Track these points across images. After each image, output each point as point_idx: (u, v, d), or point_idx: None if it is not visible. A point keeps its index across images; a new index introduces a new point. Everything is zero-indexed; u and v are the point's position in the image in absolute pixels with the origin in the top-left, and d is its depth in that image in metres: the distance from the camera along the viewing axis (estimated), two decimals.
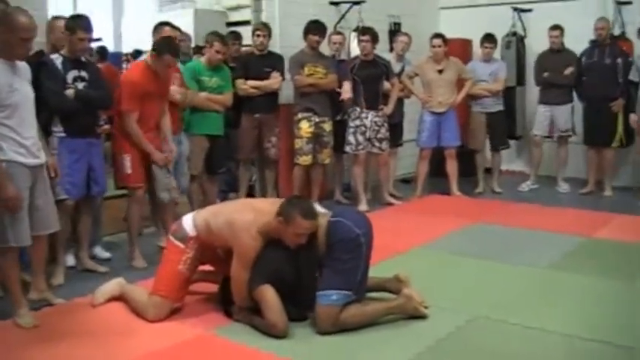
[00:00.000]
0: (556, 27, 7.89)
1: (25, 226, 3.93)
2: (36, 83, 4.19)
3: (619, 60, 7.54)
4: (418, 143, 7.87)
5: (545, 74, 7.89)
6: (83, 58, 4.91)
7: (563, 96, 7.90)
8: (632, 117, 7.27)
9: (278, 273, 3.85)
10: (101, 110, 5.24)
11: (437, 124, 7.67)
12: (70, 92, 4.74)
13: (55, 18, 5.16)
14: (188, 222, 4.11)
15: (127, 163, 5.21)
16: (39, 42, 4.85)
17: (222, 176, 6.99)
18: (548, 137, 8.13)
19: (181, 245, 4.06)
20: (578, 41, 7.86)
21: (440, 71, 7.57)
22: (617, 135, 7.65)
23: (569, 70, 7.79)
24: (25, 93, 3.96)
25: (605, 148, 7.77)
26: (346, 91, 7.05)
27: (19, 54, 3.92)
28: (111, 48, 10.26)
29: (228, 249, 3.98)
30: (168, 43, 5.18)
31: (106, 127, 5.55)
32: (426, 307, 4.04)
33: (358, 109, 7.15)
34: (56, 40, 4.96)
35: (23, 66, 4.03)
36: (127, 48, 10.28)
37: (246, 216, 3.90)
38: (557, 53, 7.91)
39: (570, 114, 7.92)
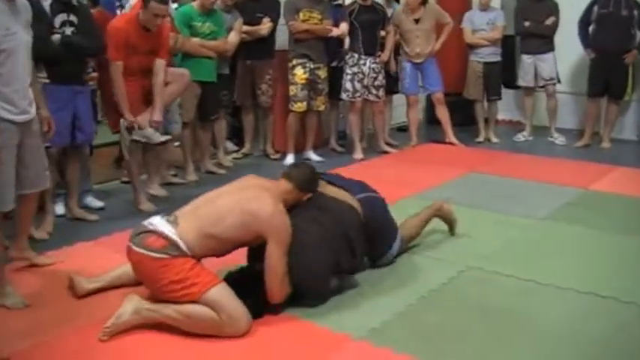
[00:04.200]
0: None
1: (6, 190, 3.59)
2: None
3: (635, 12, 7.31)
4: (402, 90, 7.75)
5: (527, 24, 7.69)
6: (74, 1, 4.73)
7: (546, 45, 7.73)
8: None
9: (335, 253, 3.60)
10: (89, 58, 5.10)
11: (417, 69, 7.53)
12: (56, 38, 4.59)
13: None
14: (178, 242, 3.26)
15: None
16: None
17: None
18: (541, 87, 7.98)
19: (164, 256, 3.23)
20: None
21: (416, 21, 7.35)
22: (628, 88, 7.52)
23: (550, 20, 7.61)
24: (21, 38, 3.59)
25: (615, 100, 7.64)
26: (342, 29, 6.90)
27: None
28: None
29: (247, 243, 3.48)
30: None
31: (94, 74, 5.41)
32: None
33: (356, 55, 7.02)
34: None
35: (23, 5, 3.68)
36: None
37: (265, 199, 3.36)
38: (538, 2, 7.70)
39: (553, 62, 7.77)
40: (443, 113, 7.73)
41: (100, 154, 6.22)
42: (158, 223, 3.34)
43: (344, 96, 7.19)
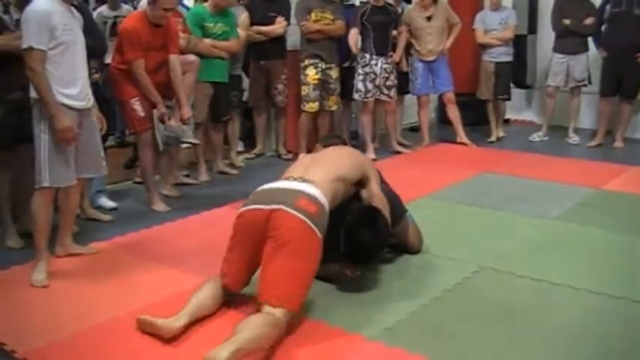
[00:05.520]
0: None
1: (65, 168, 3.94)
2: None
3: None
4: (413, 91, 7.74)
5: (567, 21, 7.59)
6: (75, 1, 4.74)
7: (581, 45, 7.65)
8: None
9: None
10: (92, 59, 5.11)
11: (428, 70, 7.52)
12: None
13: None
14: (323, 198, 3.36)
15: (138, 107, 5.15)
16: None
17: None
18: (573, 88, 7.88)
19: (320, 235, 3.28)
20: None
21: (428, 18, 7.36)
22: None
23: (590, 20, 7.52)
24: (78, 35, 3.99)
25: (627, 100, 7.59)
26: (352, 35, 6.92)
27: None
28: None
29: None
30: None
31: (97, 75, 5.43)
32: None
33: (368, 55, 7.03)
34: None
35: (76, 13, 4.10)
36: None
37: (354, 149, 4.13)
38: (577, 1, 7.62)
39: (586, 63, 7.70)
40: (454, 113, 7.71)
41: (113, 155, 6.24)
42: (296, 185, 3.36)
43: (356, 96, 7.19)
